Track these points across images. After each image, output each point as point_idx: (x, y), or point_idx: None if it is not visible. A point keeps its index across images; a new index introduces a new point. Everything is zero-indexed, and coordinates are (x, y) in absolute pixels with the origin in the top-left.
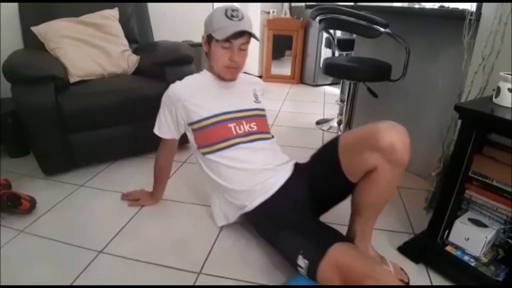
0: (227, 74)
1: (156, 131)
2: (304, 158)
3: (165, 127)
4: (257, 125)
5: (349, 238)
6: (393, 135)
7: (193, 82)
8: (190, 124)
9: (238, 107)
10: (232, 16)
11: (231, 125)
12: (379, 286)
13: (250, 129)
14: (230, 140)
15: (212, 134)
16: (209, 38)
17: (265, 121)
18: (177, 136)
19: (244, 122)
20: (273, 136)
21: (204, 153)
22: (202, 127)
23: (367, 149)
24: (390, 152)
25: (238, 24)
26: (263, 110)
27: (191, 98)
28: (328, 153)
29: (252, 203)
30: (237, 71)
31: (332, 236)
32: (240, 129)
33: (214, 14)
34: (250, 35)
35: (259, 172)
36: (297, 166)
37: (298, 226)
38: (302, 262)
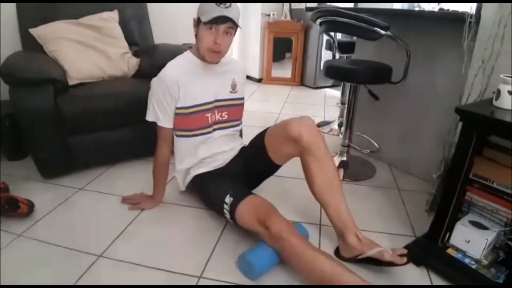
0: (209, 57)
1: (158, 121)
2: None
3: (170, 115)
4: (228, 114)
5: (339, 236)
6: (299, 125)
7: (181, 69)
8: (178, 108)
9: (214, 97)
10: (221, 2)
11: (208, 115)
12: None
13: (221, 118)
14: (204, 128)
15: (191, 121)
16: (198, 21)
17: (238, 109)
18: (171, 124)
19: (216, 111)
20: (241, 122)
21: (178, 135)
22: (186, 114)
23: (283, 140)
24: (299, 138)
25: (223, 11)
26: (238, 99)
27: (184, 83)
28: (257, 143)
29: (196, 171)
30: (219, 56)
31: (253, 193)
32: (213, 118)
33: (206, 2)
34: (234, 22)
35: (215, 154)
36: (242, 148)
37: (230, 181)
38: (228, 199)
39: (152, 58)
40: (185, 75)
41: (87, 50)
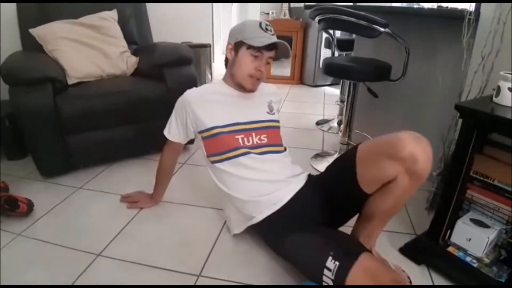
0: (249, 84)
1: (165, 132)
2: (305, 158)
3: (174, 130)
4: (267, 137)
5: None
6: (415, 145)
7: (208, 90)
8: (200, 132)
9: (249, 119)
10: (267, 29)
11: (239, 137)
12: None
13: (259, 141)
14: (238, 149)
15: (219, 144)
16: (237, 45)
17: (277, 133)
18: (184, 141)
19: (253, 134)
20: (286, 149)
21: (212, 162)
22: (209, 136)
23: (387, 159)
24: (411, 162)
25: (272, 37)
26: (276, 121)
27: (202, 105)
28: (344, 163)
29: (260, 215)
30: (259, 82)
31: (359, 243)
32: (248, 141)
33: (248, 24)
34: (277, 50)
35: (265, 183)
36: (310, 177)
37: (319, 232)
38: (332, 264)
39: (150, 56)
40: (205, 97)
41: (86, 49)
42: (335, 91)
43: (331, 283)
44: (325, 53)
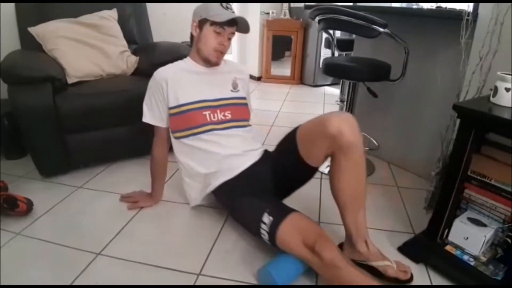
0: (214, 58)
1: (147, 120)
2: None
3: (156, 113)
4: (231, 113)
5: (347, 238)
6: (339, 120)
7: (178, 68)
8: (169, 108)
9: (214, 96)
10: (227, 7)
11: (206, 113)
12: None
13: (223, 118)
14: (204, 126)
15: (188, 120)
16: (201, 23)
17: (242, 109)
18: (167, 124)
19: (218, 111)
20: (250, 124)
21: (178, 137)
22: (178, 113)
23: (319, 137)
24: (339, 136)
25: (232, 14)
26: (241, 98)
27: (174, 83)
28: (288, 143)
29: (216, 182)
30: (223, 56)
31: (293, 208)
32: (214, 117)
33: (210, 3)
34: (237, 28)
35: (227, 156)
36: (265, 153)
37: (263, 196)
38: (267, 218)
39: (150, 56)
40: (177, 74)
41: (86, 49)
42: (335, 91)
43: (266, 235)
44: (325, 53)
